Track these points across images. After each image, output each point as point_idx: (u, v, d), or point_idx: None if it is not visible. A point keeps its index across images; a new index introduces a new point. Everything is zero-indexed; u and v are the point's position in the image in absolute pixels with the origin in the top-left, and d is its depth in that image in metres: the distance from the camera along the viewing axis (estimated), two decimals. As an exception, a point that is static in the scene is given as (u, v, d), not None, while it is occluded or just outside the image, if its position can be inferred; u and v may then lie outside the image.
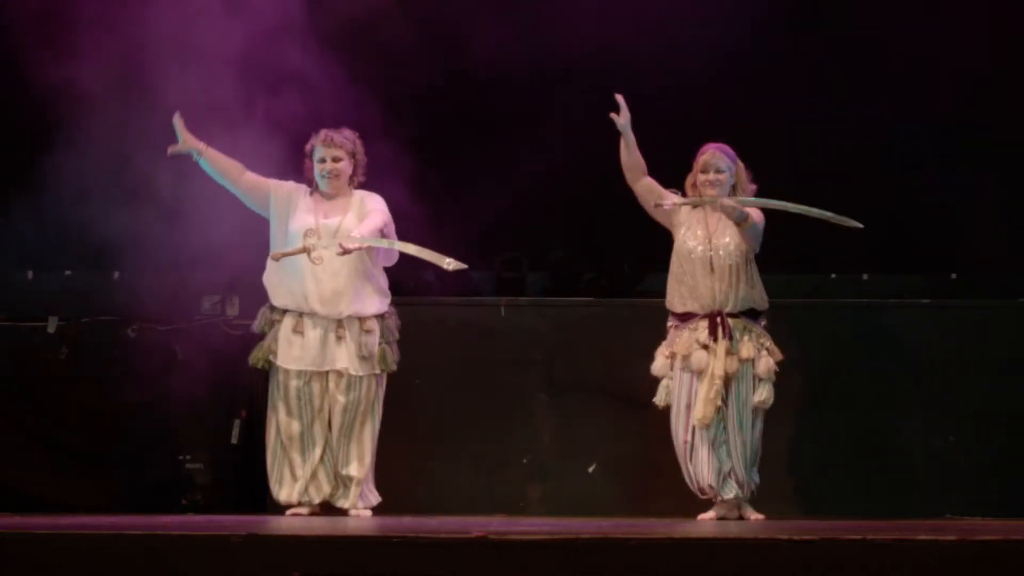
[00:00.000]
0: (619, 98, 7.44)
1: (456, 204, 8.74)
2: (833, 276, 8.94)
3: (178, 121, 7.54)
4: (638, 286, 9.04)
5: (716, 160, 7.50)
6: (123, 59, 8.16)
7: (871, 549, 4.96)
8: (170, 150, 7.59)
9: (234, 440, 8.41)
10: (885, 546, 4.96)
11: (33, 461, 8.41)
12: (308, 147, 7.69)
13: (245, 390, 8.41)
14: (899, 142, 8.94)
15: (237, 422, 8.41)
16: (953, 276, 8.97)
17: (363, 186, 7.73)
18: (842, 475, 8.37)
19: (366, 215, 7.57)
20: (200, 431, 8.42)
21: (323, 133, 7.65)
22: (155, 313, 8.39)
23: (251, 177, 7.66)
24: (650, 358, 7.81)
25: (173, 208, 8.09)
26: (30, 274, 8.62)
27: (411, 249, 7.45)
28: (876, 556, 4.95)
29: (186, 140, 7.56)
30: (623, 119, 7.46)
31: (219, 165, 7.62)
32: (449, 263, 7.36)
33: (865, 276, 8.97)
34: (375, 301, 7.62)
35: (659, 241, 7.70)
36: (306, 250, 7.44)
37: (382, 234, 7.51)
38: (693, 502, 7.54)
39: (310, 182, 7.68)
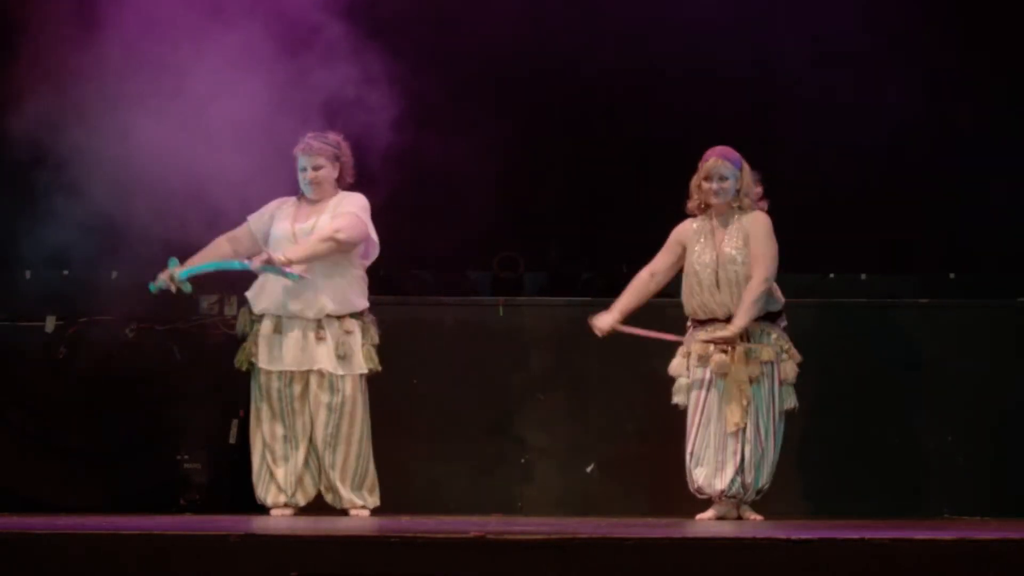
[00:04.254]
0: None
1: (453, 204, 8.72)
2: (831, 276, 8.93)
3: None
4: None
5: (720, 168, 7.47)
6: (123, 58, 8.16)
7: (869, 549, 4.96)
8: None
9: (232, 440, 8.40)
10: (883, 546, 4.97)
11: (30, 461, 8.40)
12: (295, 154, 7.65)
13: (243, 390, 8.40)
14: (898, 142, 8.94)
15: (235, 422, 8.40)
16: (952, 276, 8.96)
17: (352, 187, 7.70)
18: (840, 475, 8.36)
19: (338, 215, 7.50)
20: (198, 431, 8.41)
21: (302, 142, 7.60)
22: (153, 313, 8.38)
23: (234, 235, 7.63)
24: (647, 358, 7.80)
25: (171, 207, 8.07)
26: (28, 274, 8.61)
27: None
28: (874, 556, 4.95)
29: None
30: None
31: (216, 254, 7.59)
32: None
33: (863, 276, 8.96)
34: (353, 299, 7.57)
35: (656, 241, 7.70)
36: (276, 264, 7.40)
37: (340, 238, 7.38)
38: (692, 502, 7.54)
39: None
